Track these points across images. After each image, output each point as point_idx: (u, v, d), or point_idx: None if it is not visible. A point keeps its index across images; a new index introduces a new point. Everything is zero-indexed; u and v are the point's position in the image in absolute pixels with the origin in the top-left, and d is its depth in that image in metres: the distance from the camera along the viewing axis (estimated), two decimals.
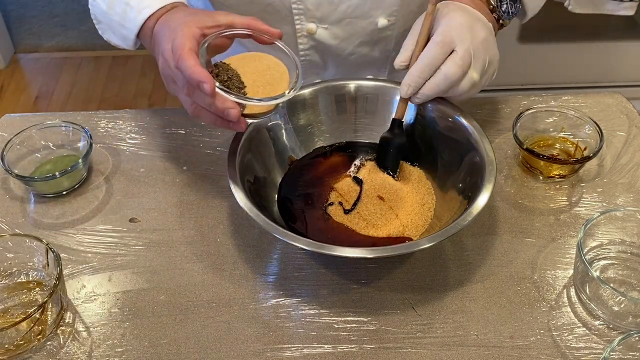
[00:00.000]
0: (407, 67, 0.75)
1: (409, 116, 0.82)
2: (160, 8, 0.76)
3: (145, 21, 0.77)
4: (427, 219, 0.76)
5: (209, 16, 0.71)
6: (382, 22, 0.87)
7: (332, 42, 0.89)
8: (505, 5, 0.81)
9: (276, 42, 0.72)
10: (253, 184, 0.76)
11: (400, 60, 0.76)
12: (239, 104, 0.67)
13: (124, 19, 0.79)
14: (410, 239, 0.73)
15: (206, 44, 0.69)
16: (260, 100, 0.68)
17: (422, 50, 0.73)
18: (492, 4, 0.81)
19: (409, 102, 0.77)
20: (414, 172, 0.81)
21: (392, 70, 0.96)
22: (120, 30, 0.81)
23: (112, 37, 0.85)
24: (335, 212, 0.76)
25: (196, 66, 0.65)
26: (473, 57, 0.73)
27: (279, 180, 0.81)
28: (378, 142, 0.81)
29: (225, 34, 0.71)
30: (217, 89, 0.65)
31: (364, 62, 0.94)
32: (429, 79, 0.73)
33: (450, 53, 0.72)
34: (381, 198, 0.76)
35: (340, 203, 0.77)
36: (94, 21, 0.86)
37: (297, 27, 0.87)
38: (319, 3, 0.84)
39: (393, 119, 0.79)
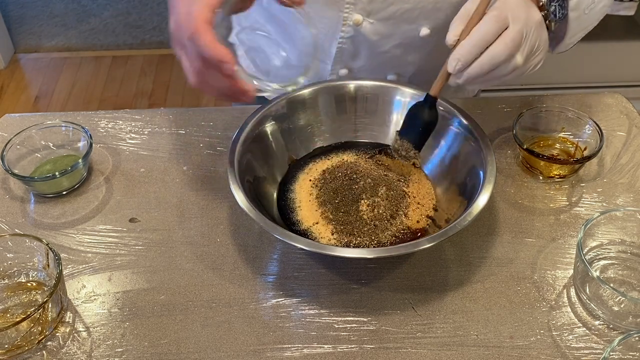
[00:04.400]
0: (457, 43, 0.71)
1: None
2: None
3: None
4: (427, 219, 0.76)
5: None
6: (425, 31, 0.87)
7: (373, 38, 0.89)
8: (553, 7, 0.78)
9: (295, 8, 0.69)
10: (253, 184, 0.76)
11: (452, 34, 0.71)
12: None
13: None
14: (411, 239, 0.73)
15: (221, 13, 0.66)
16: (280, 84, 0.67)
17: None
18: (541, 1, 0.76)
19: (448, 82, 0.73)
20: (415, 172, 0.81)
21: (413, 77, 0.97)
22: None
23: None
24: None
25: (215, 42, 0.61)
26: (524, 38, 0.69)
27: (279, 180, 0.81)
28: (408, 111, 0.78)
29: None
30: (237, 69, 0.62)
31: (392, 63, 0.94)
32: (479, 56, 0.69)
33: (503, 31, 0.69)
34: (382, 198, 0.76)
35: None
36: None
37: (345, 14, 0.86)
38: None
39: (427, 94, 0.75)
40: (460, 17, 0.72)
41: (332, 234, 0.74)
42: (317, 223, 0.75)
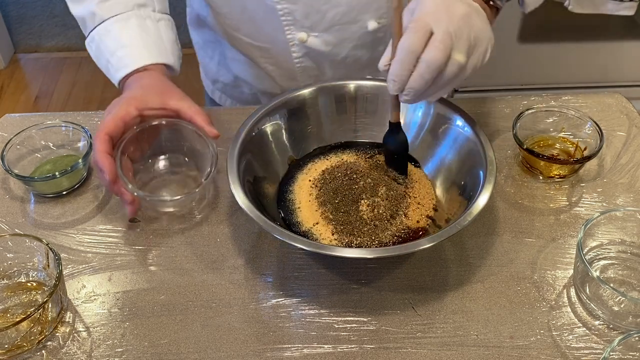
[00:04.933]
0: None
1: (410, 117, 0.82)
2: (135, 70, 0.81)
3: (122, 79, 0.82)
4: (427, 219, 0.76)
5: (162, 96, 0.77)
6: (373, 25, 0.87)
7: (325, 49, 0.89)
8: None
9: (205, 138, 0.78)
10: (253, 184, 0.76)
11: (382, 62, 0.69)
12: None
13: (108, 71, 0.85)
14: (411, 239, 0.73)
15: (121, 145, 0.76)
16: (162, 198, 0.79)
17: None
18: None
19: (402, 103, 0.73)
20: (415, 172, 0.81)
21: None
22: (108, 75, 0.86)
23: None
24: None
25: (101, 152, 0.73)
26: (454, 37, 0.65)
27: (279, 180, 0.81)
28: (383, 144, 0.80)
29: (154, 123, 0.78)
30: (120, 175, 0.74)
31: (361, 64, 0.94)
32: (414, 69, 0.66)
33: (430, 37, 0.66)
34: (382, 198, 0.76)
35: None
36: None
37: (289, 36, 0.88)
38: (307, 13, 0.85)
39: (390, 122, 0.77)
40: (390, 42, 0.70)
41: (333, 234, 0.74)
42: (317, 223, 0.75)
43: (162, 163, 0.85)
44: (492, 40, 0.71)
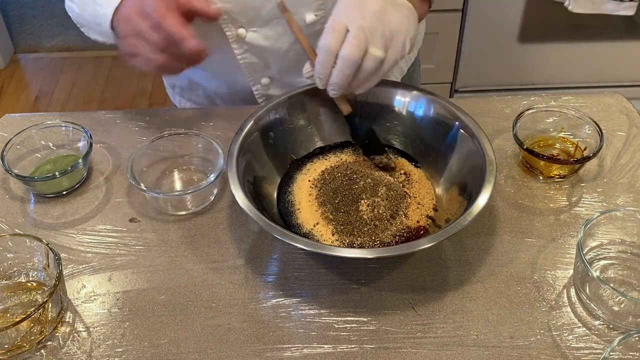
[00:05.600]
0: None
1: (410, 117, 0.82)
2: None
3: (114, 13, 0.79)
4: (427, 219, 0.76)
5: None
6: (310, 17, 0.87)
7: (266, 44, 0.89)
8: None
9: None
10: (253, 184, 0.76)
11: (305, 68, 0.77)
12: None
13: (96, 16, 0.82)
14: (412, 238, 0.73)
15: None
16: (174, 194, 0.82)
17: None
18: None
19: (340, 96, 0.78)
20: (415, 172, 0.81)
21: None
22: (98, 28, 0.83)
23: (96, 35, 0.87)
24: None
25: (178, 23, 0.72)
26: (369, 33, 0.70)
27: (279, 180, 0.81)
28: (353, 139, 0.83)
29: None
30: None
31: (298, 59, 0.94)
32: (334, 66, 0.72)
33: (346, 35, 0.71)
34: (381, 198, 0.76)
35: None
36: (77, 25, 0.89)
37: (228, 34, 0.87)
38: (242, 10, 0.85)
39: (345, 116, 0.81)
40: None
41: (333, 234, 0.74)
42: (317, 224, 0.75)
43: (175, 177, 0.86)
44: (410, 32, 0.74)
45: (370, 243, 0.73)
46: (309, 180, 0.80)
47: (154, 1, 0.74)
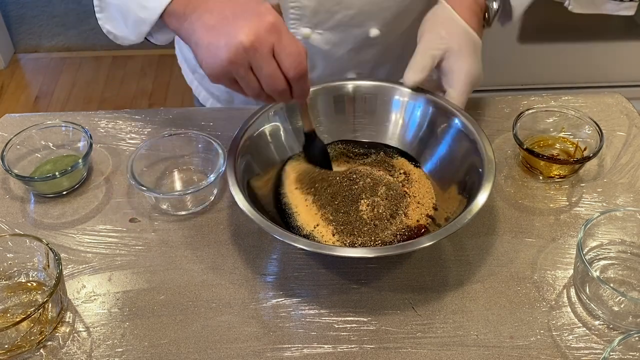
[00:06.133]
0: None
1: (408, 116, 0.82)
2: None
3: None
4: (427, 218, 0.76)
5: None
6: (374, 32, 0.89)
7: (324, 47, 0.90)
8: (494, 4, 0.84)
9: None
10: (253, 184, 0.76)
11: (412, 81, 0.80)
12: None
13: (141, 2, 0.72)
14: (412, 237, 0.73)
15: None
16: (175, 194, 0.81)
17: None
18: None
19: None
20: (414, 172, 0.81)
21: (374, 70, 0.99)
22: (137, 13, 0.73)
23: (119, 25, 0.78)
24: None
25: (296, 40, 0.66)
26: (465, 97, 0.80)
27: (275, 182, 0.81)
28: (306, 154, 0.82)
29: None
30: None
31: (348, 65, 0.96)
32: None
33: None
34: (381, 198, 0.76)
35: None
36: (97, 8, 0.79)
37: (292, 30, 0.88)
38: (317, 10, 0.85)
39: (305, 133, 0.80)
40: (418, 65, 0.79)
41: (333, 235, 0.74)
42: (317, 225, 0.75)
43: (175, 177, 0.86)
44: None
45: (371, 243, 0.73)
46: (297, 188, 0.79)
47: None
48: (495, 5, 0.83)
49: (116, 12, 0.77)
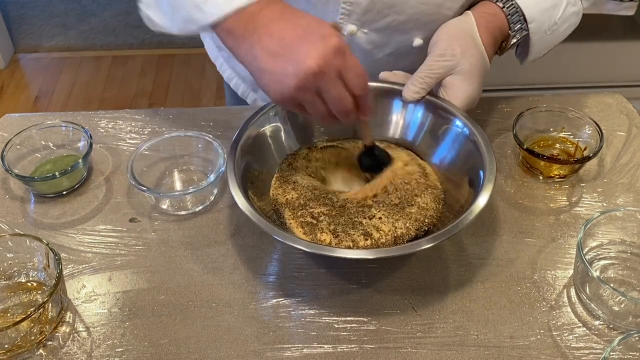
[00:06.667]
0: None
1: (409, 117, 0.82)
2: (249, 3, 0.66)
3: (239, 10, 0.66)
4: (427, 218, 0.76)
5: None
6: (418, 42, 0.88)
7: (367, 47, 0.90)
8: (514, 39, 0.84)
9: None
10: (253, 184, 0.76)
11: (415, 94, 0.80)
12: None
13: (206, 0, 0.67)
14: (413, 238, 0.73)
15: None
16: (176, 193, 0.82)
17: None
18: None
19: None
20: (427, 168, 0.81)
21: None
22: (190, 12, 0.69)
23: (164, 15, 0.74)
24: None
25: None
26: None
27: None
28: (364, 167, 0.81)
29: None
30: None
31: (383, 69, 0.95)
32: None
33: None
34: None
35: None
36: None
37: (340, 25, 0.87)
38: (368, 9, 0.84)
39: (366, 145, 0.79)
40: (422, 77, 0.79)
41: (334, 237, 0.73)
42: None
43: (175, 177, 0.86)
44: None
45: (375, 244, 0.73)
46: (293, 217, 0.74)
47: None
48: (515, 40, 0.82)
49: (165, 3, 0.73)
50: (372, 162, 0.79)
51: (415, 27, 0.86)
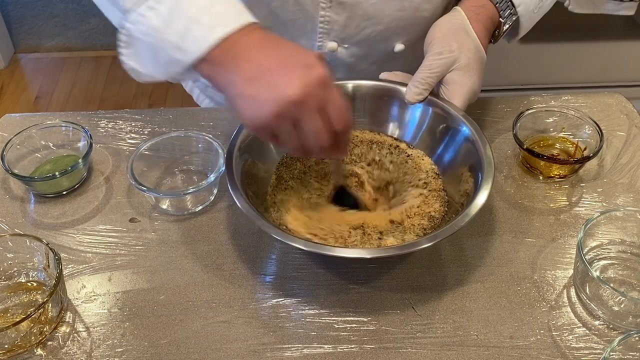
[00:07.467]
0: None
1: (408, 116, 0.83)
2: (242, 27, 0.62)
3: (220, 42, 0.62)
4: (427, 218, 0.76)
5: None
6: (399, 47, 0.89)
7: (349, 61, 0.90)
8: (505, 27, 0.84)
9: None
10: (253, 184, 0.76)
11: (418, 95, 0.79)
12: None
13: (184, 38, 0.62)
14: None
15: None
16: (176, 192, 0.80)
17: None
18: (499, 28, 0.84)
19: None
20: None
21: None
22: (171, 53, 0.63)
23: (146, 63, 0.68)
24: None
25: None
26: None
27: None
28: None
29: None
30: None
31: (371, 77, 0.95)
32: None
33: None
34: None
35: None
36: (123, 44, 0.67)
37: (319, 44, 0.87)
38: (346, 25, 0.84)
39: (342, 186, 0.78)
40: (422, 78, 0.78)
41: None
42: (316, 235, 0.74)
43: (175, 177, 0.86)
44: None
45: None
46: (292, 216, 0.75)
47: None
48: (507, 26, 0.83)
49: (145, 50, 0.67)
50: (348, 199, 0.77)
51: (394, 33, 0.87)
